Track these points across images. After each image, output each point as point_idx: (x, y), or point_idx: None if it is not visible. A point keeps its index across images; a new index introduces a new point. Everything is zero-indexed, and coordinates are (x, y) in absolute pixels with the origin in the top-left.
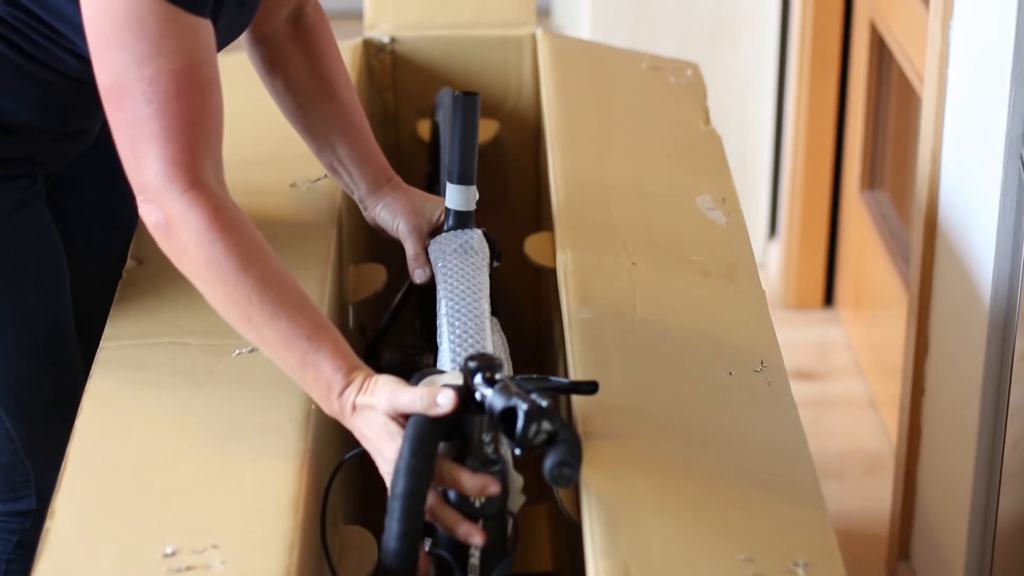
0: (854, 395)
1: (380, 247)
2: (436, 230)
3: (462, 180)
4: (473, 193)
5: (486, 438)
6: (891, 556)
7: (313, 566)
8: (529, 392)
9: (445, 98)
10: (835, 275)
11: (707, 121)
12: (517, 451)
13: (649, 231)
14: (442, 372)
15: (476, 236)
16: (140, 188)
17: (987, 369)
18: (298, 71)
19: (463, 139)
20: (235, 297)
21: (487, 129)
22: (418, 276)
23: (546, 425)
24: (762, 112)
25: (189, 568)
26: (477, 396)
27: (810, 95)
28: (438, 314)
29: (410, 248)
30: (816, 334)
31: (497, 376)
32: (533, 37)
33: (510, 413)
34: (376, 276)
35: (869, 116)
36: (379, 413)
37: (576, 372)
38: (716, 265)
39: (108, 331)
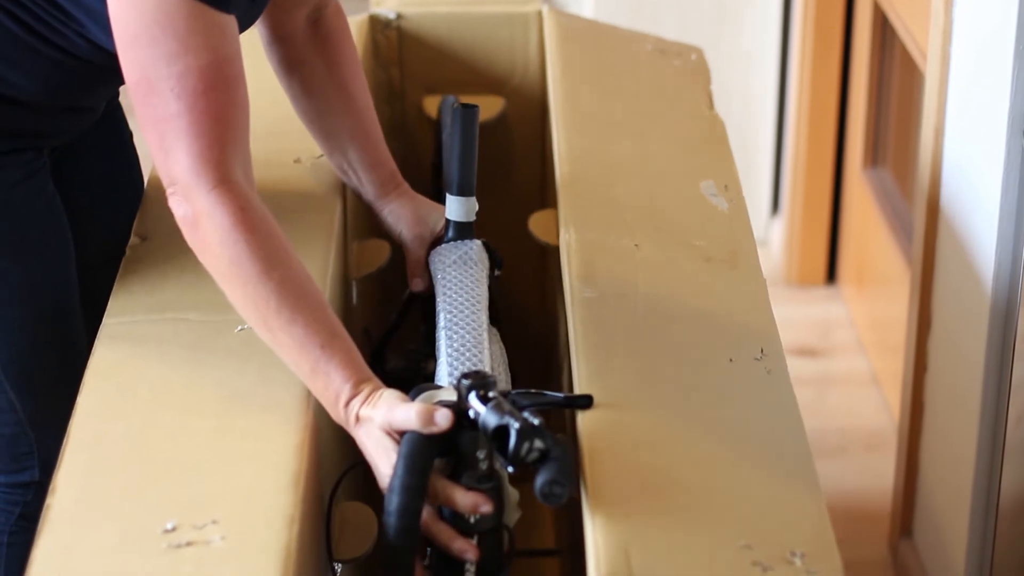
0: (856, 372)
1: (375, 221)
2: (438, 240)
3: (462, 192)
4: (473, 204)
5: (480, 455)
6: (893, 533)
7: (314, 542)
8: (523, 409)
9: (447, 106)
10: (837, 252)
11: (711, 106)
12: (510, 469)
13: (652, 213)
14: (439, 387)
15: (476, 247)
16: (169, 181)
17: (989, 346)
18: (314, 73)
19: (462, 151)
20: (254, 299)
21: (493, 106)
22: (416, 285)
23: (538, 443)
24: (765, 90)
25: (189, 543)
26: (471, 414)
27: (813, 72)
28: (436, 327)
29: (410, 257)
30: (818, 311)
31: (491, 394)
32: (539, 15)
33: (503, 431)
34: (379, 252)
35: (872, 94)
36: (377, 427)
37: (579, 352)
38: (718, 251)
39: (111, 306)
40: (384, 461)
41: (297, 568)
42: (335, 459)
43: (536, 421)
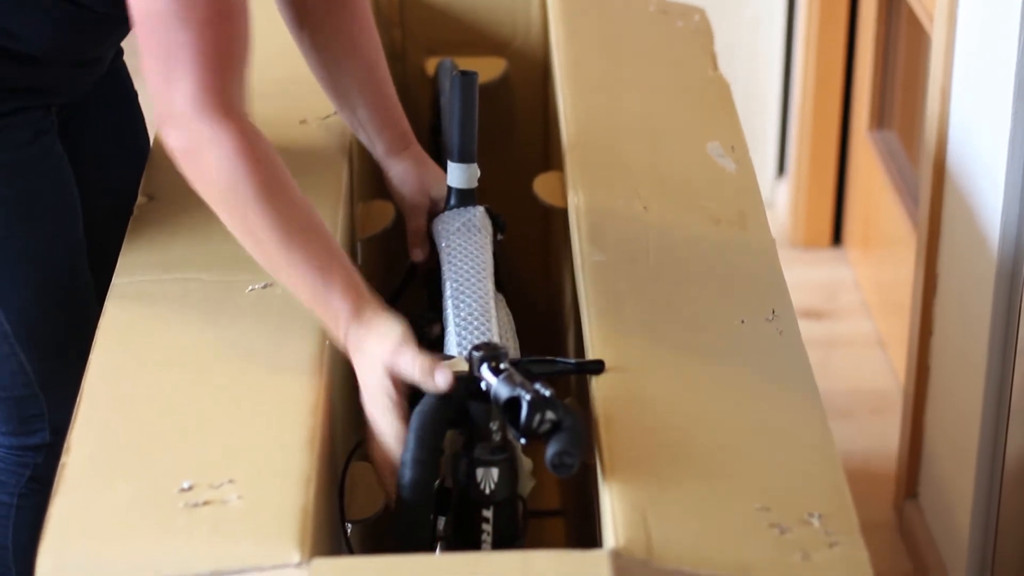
0: (862, 334)
1: (379, 182)
2: (439, 210)
3: (463, 159)
4: (475, 171)
5: (493, 426)
6: (898, 495)
7: (328, 501)
8: (534, 379)
9: (444, 70)
10: (843, 214)
11: (715, 67)
12: (522, 440)
13: (659, 175)
14: (450, 357)
15: (479, 214)
16: (168, 113)
17: (995, 309)
18: (324, 27)
19: (462, 118)
20: (252, 225)
21: (495, 68)
22: (416, 255)
23: (549, 415)
24: (771, 51)
25: (206, 503)
26: (483, 385)
27: (819, 34)
28: (443, 296)
29: (410, 225)
30: (824, 273)
31: (502, 365)
32: None
33: (514, 403)
34: (384, 213)
35: (878, 55)
36: (378, 366)
37: (589, 316)
38: (726, 212)
39: (120, 266)
40: (380, 418)
41: (314, 528)
42: (350, 418)
43: (547, 392)
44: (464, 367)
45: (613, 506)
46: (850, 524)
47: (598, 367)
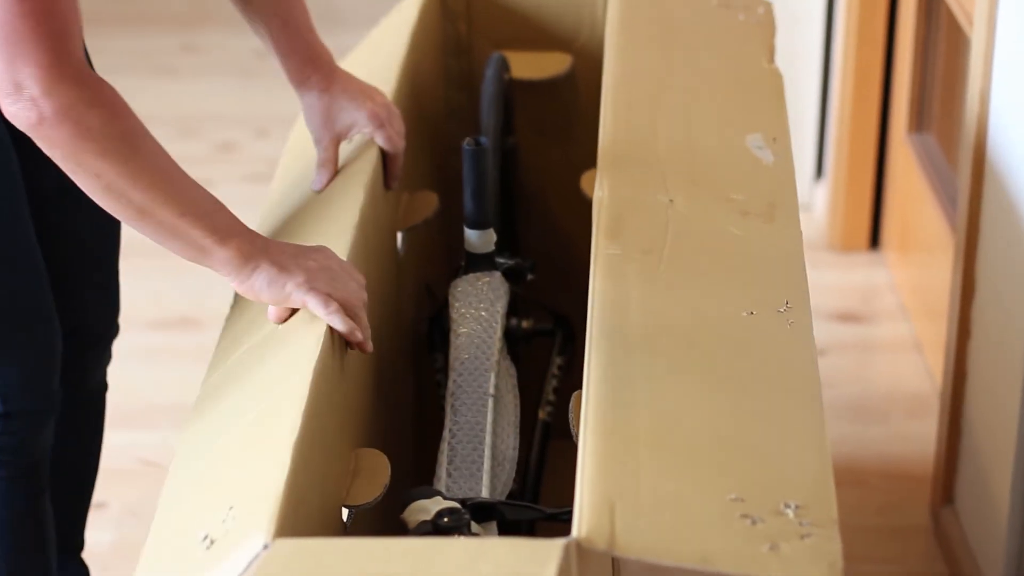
0: (899, 338)
1: (436, 175)
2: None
3: (476, 225)
4: (490, 236)
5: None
6: (935, 500)
7: (310, 486)
8: (505, 523)
9: (491, 62)
10: (881, 217)
11: (771, 60)
12: None
13: (692, 168)
14: (436, 494)
15: (495, 280)
16: (15, 87)
17: None
18: None
19: (476, 187)
20: (140, 169)
21: (560, 62)
22: (316, 184)
23: None
24: (810, 52)
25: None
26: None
27: (858, 35)
28: (445, 392)
29: (318, 155)
30: (862, 276)
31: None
32: None
33: None
34: (427, 203)
35: (917, 58)
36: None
37: (595, 307)
38: (756, 204)
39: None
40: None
41: (290, 511)
42: (345, 405)
43: None
44: (442, 505)
45: (582, 496)
46: (827, 516)
47: (568, 516)
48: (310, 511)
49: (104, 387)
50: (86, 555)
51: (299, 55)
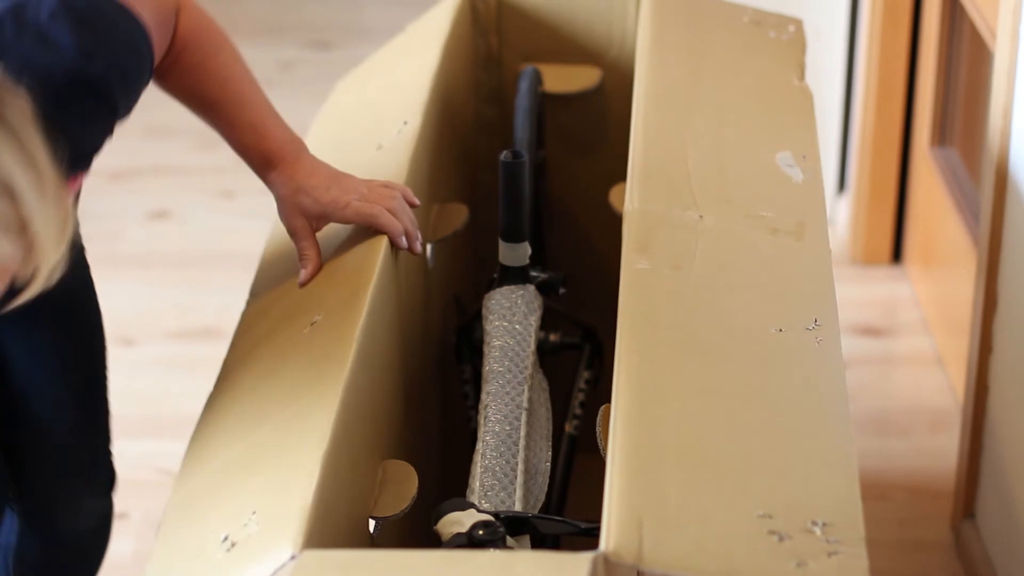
0: (921, 352)
1: (466, 187)
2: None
3: (511, 239)
4: (525, 249)
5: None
6: (956, 514)
7: (337, 498)
8: (537, 536)
9: (524, 75)
10: (904, 231)
11: (801, 77)
12: None
13: (722, 185)
14: (469, 507)
15: (528, 293)
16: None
17: None
18: (168, 84)
19: (510, 200)
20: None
21: (589, 76)
22: (301, 277)
23: None
24: (832, 66)
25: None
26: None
27: (881, 50)
28: (479, 402)
29: (298, 251)
30: (884, 290)
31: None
32: None
33: None
34: (458, 215)
35: (940, 72)
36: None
37: (623, 323)
38: (785, 221)
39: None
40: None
41: (317, 522)
42: (374, 416)
43: None
44: (477, 519)
45: (610, 510)
46: (855, 534)
47: (595, 530)
48: (338, 522)
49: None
50: (105, 566)
51: (256, 149)
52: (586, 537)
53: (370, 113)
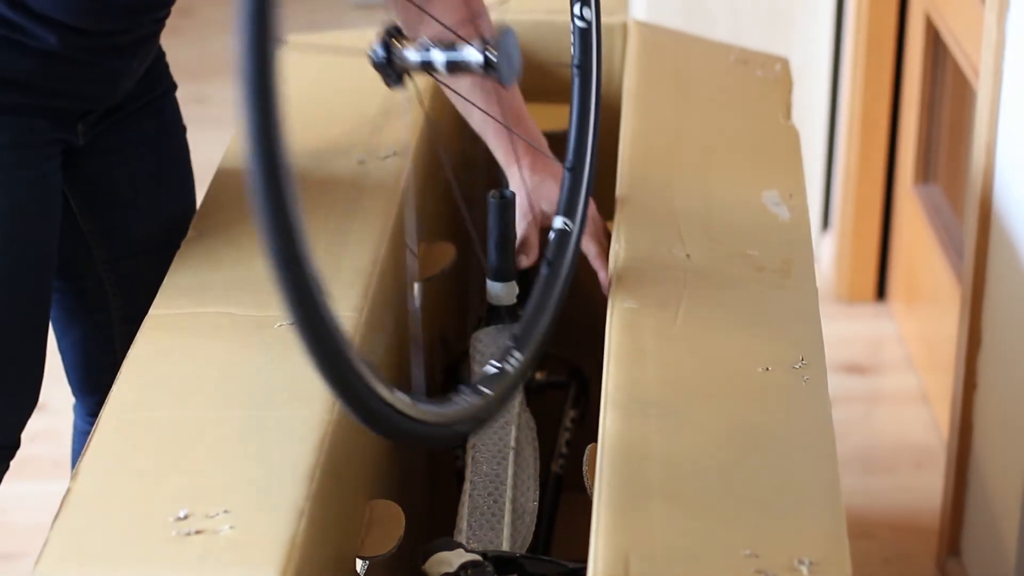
0: (905, 389)
1: (450, 226)
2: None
3: (501, 278)
4: (513, 288)
5: None
6: (941, 551)
7: (323, 537)
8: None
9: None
10: (888, 269)
11: (788, 116)
12: None
13: (708, 223)
14: (456, 547)
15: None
16: None
17: None
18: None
19: (501, 239)
20: None
21: None
22: (520, 262)
23: None
24: (816, 103)
25: (198, 532)
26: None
27: (864, 87)
28: (467, 457)
29: (519, 234)
30: (868, 328)
31: None
32: (624, 26)
33: None
34: (445, 254)
35: (923, 109)
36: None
37: (611, 361)
38: (772, 260)
39: (158, 300)
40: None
41: (302, 561)
42: (362, 456)
43: None
44: (464, 559)
45: (597, 549)
46: (841, 572)
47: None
48: (325, 562)
49: None
50: None
51: (501, 148)
52: None
53: (345, 112)
